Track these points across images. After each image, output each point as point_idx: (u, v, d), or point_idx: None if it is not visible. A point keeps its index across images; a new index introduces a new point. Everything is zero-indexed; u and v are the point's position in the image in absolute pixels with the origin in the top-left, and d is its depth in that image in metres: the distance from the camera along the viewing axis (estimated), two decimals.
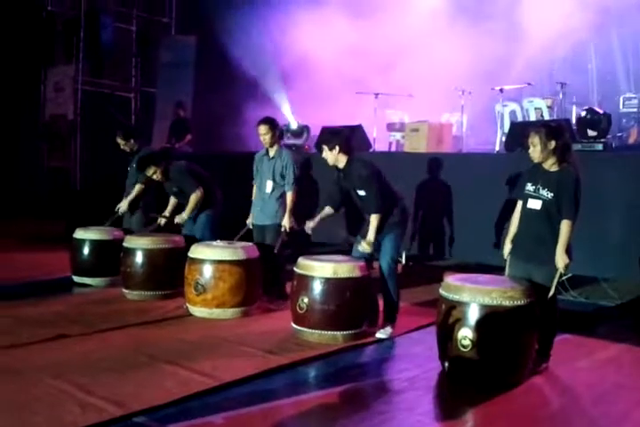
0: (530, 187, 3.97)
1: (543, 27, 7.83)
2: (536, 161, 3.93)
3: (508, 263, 4.14)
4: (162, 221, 6.02)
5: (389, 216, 4.65)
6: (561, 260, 3.77)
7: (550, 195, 3.85)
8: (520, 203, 4.07)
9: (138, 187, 6.39)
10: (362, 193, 4.64)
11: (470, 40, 8.10)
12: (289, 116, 9.70)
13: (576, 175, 3.84)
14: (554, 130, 3.90)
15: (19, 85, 12.25)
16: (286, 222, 5.35)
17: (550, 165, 3.91)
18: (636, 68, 8.42)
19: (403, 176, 6.03)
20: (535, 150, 3.88)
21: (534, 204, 3.92)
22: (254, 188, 5.63)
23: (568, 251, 3.80)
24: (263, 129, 5.34)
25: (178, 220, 5.78)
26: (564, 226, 3.79)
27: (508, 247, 4.13)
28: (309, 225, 4.91)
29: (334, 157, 4.67)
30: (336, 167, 4.75)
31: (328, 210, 4.95)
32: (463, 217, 6.26)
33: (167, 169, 5.82)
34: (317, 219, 4.91)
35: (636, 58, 8.42)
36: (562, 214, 3.81)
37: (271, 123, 5.38)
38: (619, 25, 8.32)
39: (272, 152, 5.45)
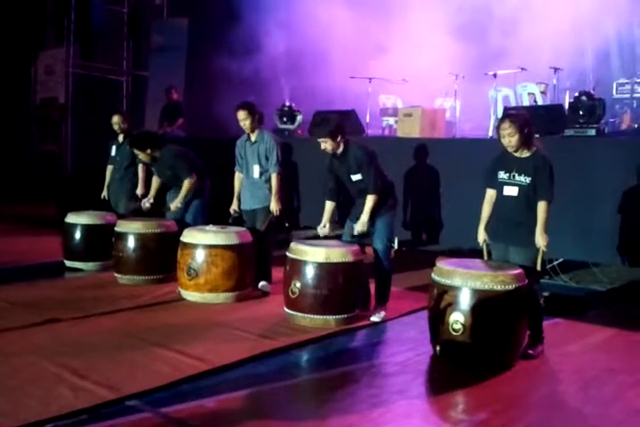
0: (503, 175, 4.02)
1: (537, 12, 7.79)
2: (513, 149, 3.97)
3: (485, 249, 4.21)
4: (146, 204, 5.96)
5: (383, 199, 4.66)
6: (542, 239, 3.86)
7: (528, 179, 3.91)
8: (490, 191, 4.12)
9: (141, 168, 6.36)
10: (356, 177, 4.63)
11: (464, 25, 8.05)
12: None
13: (547, 158, 3.92)
14: (524, 117, 3.98)
15: (9, 69, 12.13)
16: (274, 206, 5.30)
17: (522, 151, 3.96)
18: (629, 54, 8.41)
19: (396, 161, 6.02)
20: (514, 139, 3.90)
21: (511, 190, 3.98)
22: (236, 174, 5.58)
23: (545, 231, 3.88)
24: (242, 115, 5.28)
25: (172, 207, 5.73)
26: (542, 206, 3.87)
27: (482, 235, 4.18)
28: (324, 231, 4.79)
29: (337, 145, 4.62)
30: (332, 153, 4.69)
31: (330, 205, 4.86)
32: (456, 202, 6.25)
33: (159, 152, 5.79)
34: (325, 220, 4.82)
35: (630, 43, 8.39)
36: (539, 196, 3.87)
37: (249, 108, 5.31)
38: (614, 10, 8.28)
39: (253, 137, 5.41)
